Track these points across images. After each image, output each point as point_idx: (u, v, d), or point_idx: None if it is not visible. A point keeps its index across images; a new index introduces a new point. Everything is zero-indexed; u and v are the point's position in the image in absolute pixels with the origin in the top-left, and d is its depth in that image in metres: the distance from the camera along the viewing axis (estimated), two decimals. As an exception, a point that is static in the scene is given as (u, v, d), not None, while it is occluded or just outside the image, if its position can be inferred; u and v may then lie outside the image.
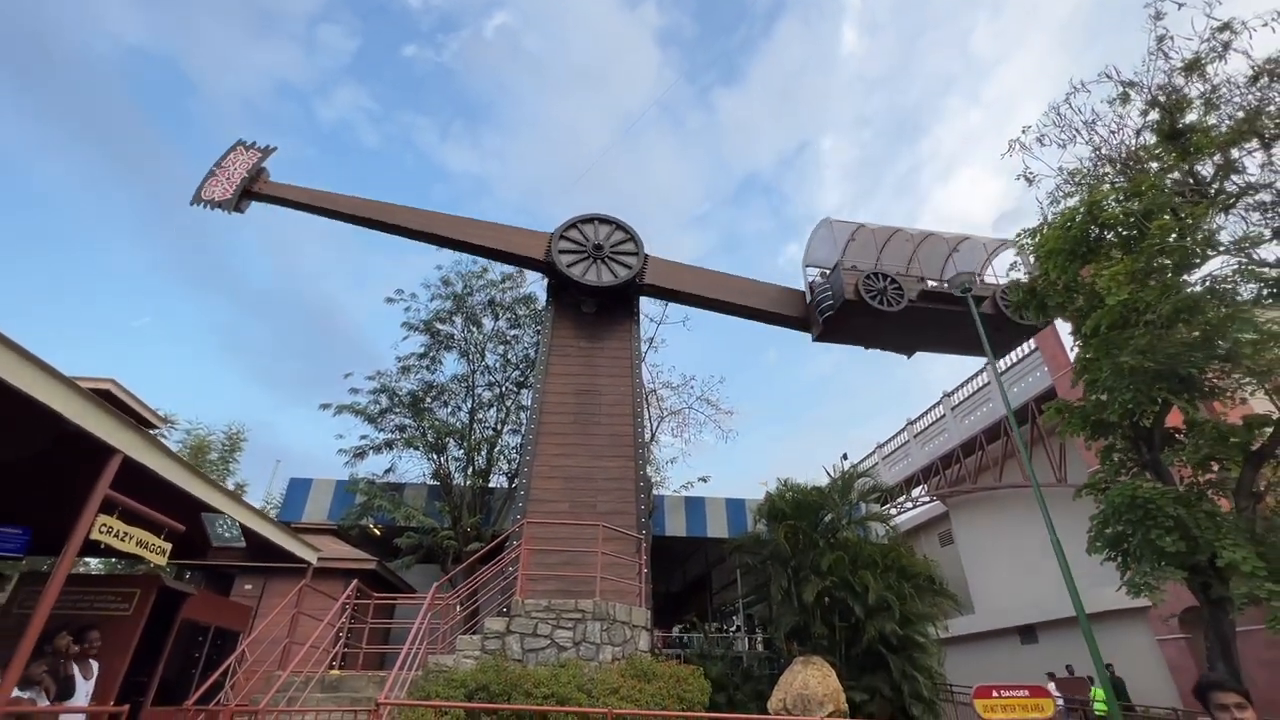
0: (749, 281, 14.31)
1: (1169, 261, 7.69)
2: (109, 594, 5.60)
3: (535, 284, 17.50)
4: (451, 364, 16.97)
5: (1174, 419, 9.32)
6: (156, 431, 10.73)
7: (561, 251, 12.91)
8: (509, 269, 17.39)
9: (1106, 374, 7.71)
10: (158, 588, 5.77)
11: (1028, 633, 20.51)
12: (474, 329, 16.78)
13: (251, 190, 13.25)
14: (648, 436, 16.65)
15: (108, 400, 6.21)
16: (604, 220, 13.52)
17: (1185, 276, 7.97)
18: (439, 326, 16.54)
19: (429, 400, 16.23)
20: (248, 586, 11.87)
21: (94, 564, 17.03)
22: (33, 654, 3.77)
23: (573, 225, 13.33)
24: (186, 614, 6.25)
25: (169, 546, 4.85)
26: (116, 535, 4.32)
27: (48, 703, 4.20)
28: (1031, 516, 19.87)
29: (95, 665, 4.89)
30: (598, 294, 12.64)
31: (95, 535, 4.10)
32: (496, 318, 17.06)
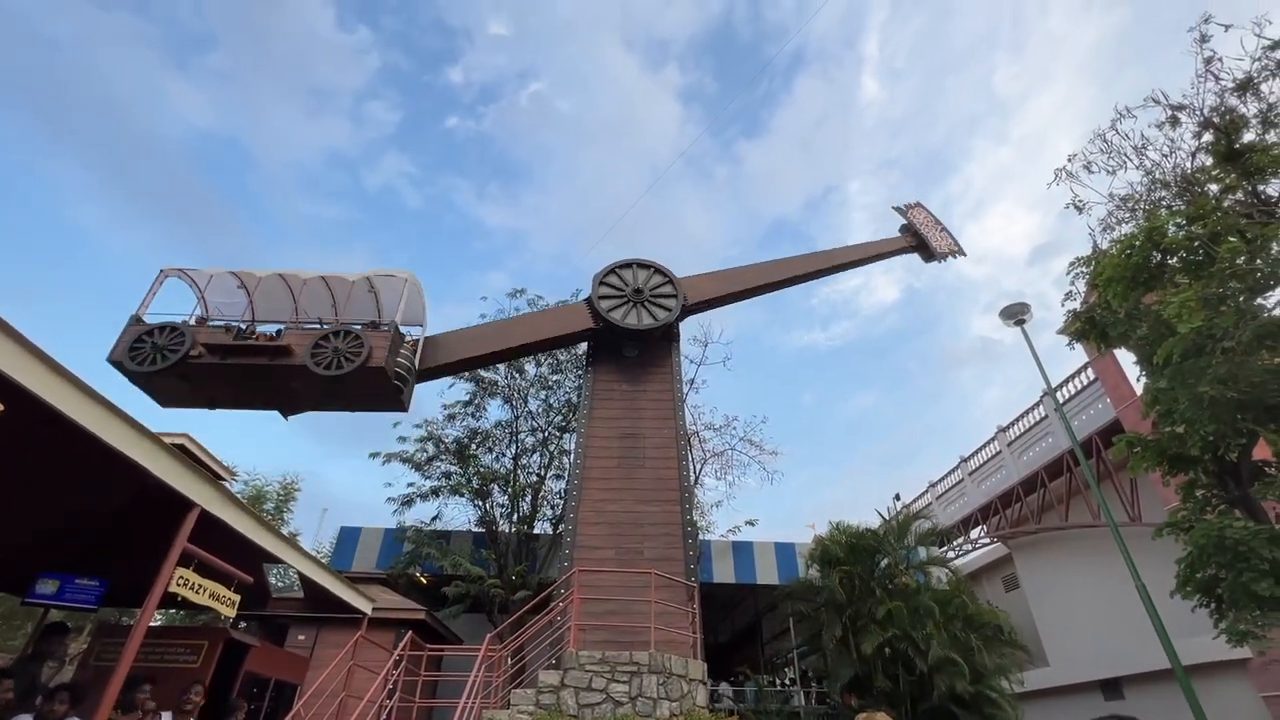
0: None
1: (1240, 285, 7.34)
2: (179, 646, 5.72)
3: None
4: (495, 410, 17.24)
5: (1261, 451, 8.70)
6: (225, 484, 11.11)
7: (601, 297, 13.11)
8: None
9: (1184, 405, 7.29)
10: (224, 640, 5.87)
11: (1111, 687, 18.90)
12: (517, 375, 17.06)
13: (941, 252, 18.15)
14: (691, 480, 16.41)
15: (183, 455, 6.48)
16: (643, 265, 13.73)
17: (1260, 300, 7.58)
18: (482, 373, 16.87)
19: (474, 446, 16.45)
20: (301, 637, 11.89)
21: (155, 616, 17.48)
22: (116, 706, 3.84)
23: (612, 270, 13.56)
24: (249, 666, 6.32)
25: (238, 598, 4.94)
26: (192, 588, 4.43)
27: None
28: (1104, 558, 18.57)
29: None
30: (638, 337, 12.73)
31: (173, 588, 4.21)
32: (539, 363, 17.32)
